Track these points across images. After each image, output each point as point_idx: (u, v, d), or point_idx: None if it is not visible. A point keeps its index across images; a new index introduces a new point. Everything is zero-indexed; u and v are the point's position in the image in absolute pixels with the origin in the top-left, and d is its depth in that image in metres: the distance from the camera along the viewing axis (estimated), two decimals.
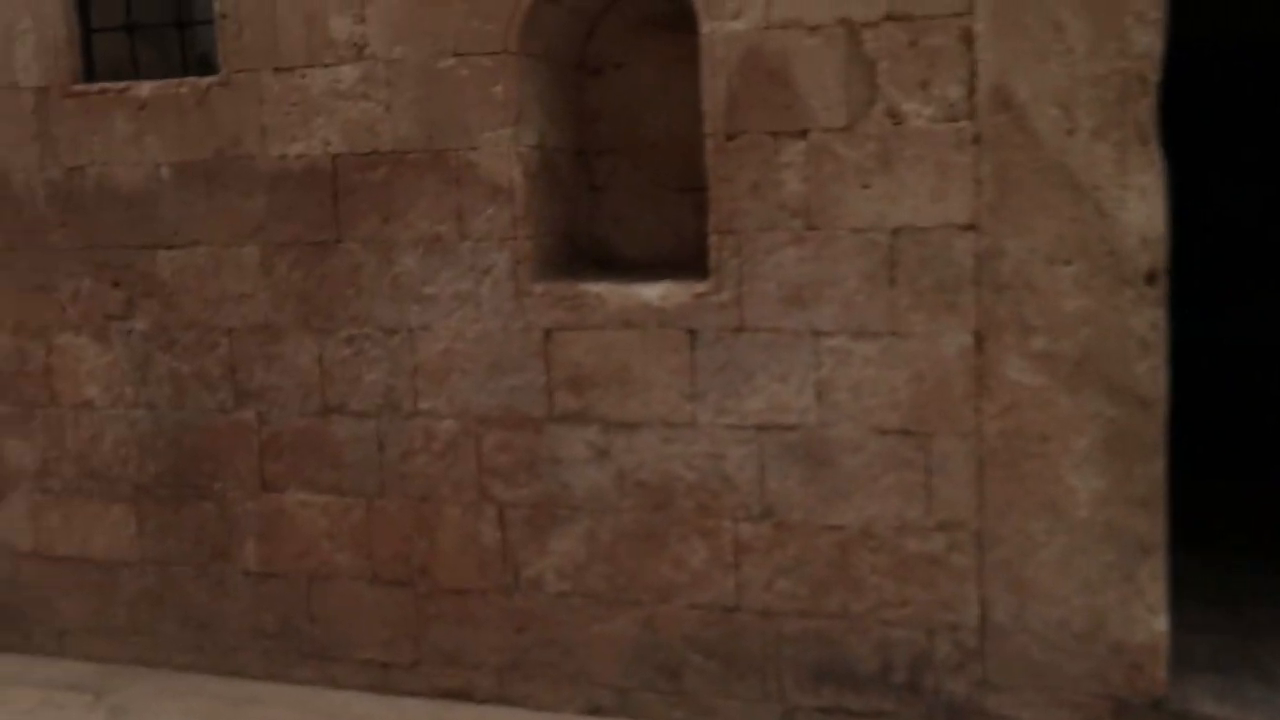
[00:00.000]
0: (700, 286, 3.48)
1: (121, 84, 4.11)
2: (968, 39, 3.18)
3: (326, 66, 3.81)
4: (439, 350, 3.77)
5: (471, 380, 3.74)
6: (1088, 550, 3.19)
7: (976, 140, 3.19)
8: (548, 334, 3.64)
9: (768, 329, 3.42)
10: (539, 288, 3.65)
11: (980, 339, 3.23)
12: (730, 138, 3.40)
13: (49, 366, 4.29)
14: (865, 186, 3.30)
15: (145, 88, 4.07)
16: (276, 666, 4.06)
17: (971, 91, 3.19)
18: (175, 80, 4.05)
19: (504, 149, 3.63)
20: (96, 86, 4.14)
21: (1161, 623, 3.17)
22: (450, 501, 3.80)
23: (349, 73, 3.79)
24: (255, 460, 4.04)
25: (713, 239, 3.45)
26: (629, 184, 3.95)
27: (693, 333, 3.49)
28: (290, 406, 3.97)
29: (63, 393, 4.28)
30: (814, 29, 3.30)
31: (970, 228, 3.21)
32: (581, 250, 3.95)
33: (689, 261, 3.72)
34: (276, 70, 3.87)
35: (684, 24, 3.55)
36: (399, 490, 3.86)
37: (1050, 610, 3.24)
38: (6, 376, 4.36)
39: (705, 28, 3.40)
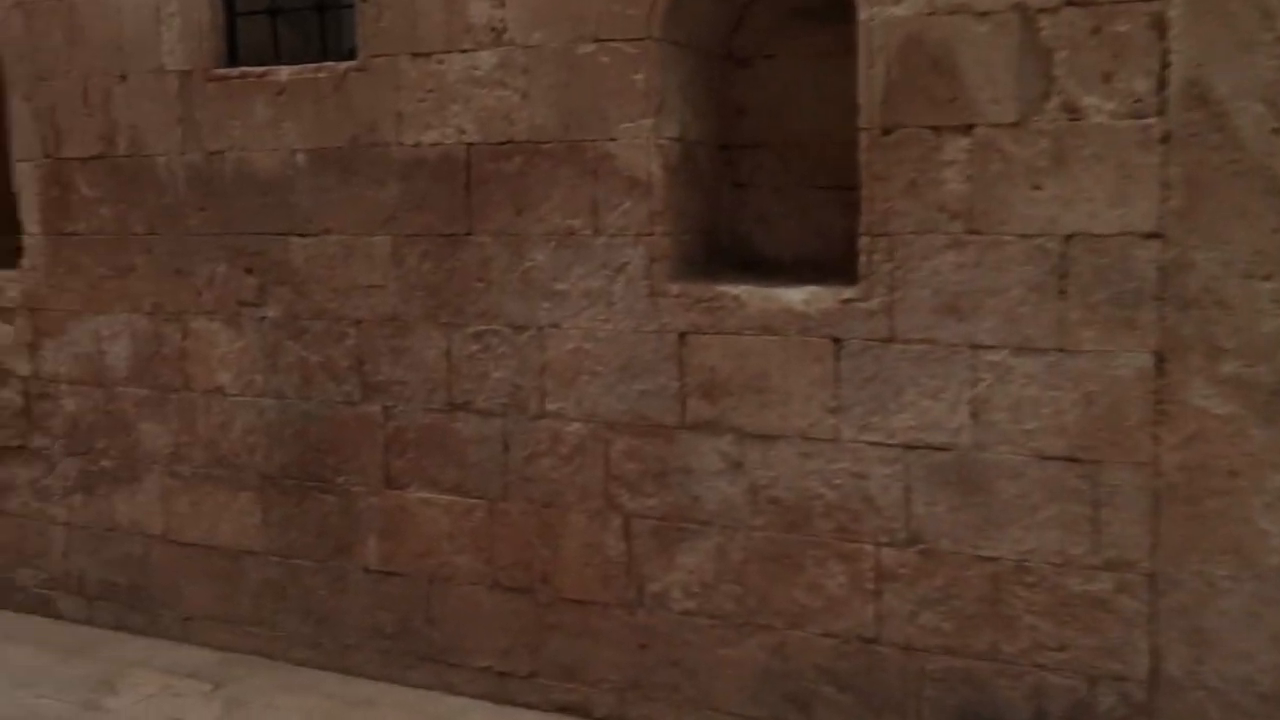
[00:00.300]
0: (848, 292, 3.23)
1: (261, 68, 4.06)
2: (1159, 27, 2.85)
3: (464, 52, 3.68)
4: (568, 350, 3.61)
5: (601, 382, 3.57)
6: (1279, 602, 2.84)
7: (1165, 139, 2.87)
8: (682, 337, 3.44)
9: (920, 340, 3.15)
10: (675, 287, 3.45)
11: (1161, 360, 2.91)
12: (886, 132, 3.14)
13: (184, 351, 4.28)
14: (1035, 188, 3.00)
15: (284, 72, 4.01)
16: (392, 668, 3.96)
17: (1161, 85, 2.86)
18: (314, 65, 3.98)
19: (643, 140, 3.44)
20: (238, 71, 4.10)
21: None
22: (575, 508, 3.63)
23: (486, 59, 3.64)
24: (380, 455, 3.94)
25: (863, 241, 3.20)
26: (775, 181, 3.72)
27: (838, 341, 3.24)
28: (416, 402, 3.86)
29: (195, 377, 4.26)
30: (984, 15, 3.02)
31: (1154, 236, 2.89)
32: (721, 250, 3.74)
33: (836, 265, 3.48)
34: (414, 55, 3.75)
35: (839, 14, 3.30)
36: (522, 494, 3.71)
37: (1232, 666, 2.89)
38: (144, 359, 4.37)
39: (864, 14, 3.15)
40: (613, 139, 3.49)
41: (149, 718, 3.76)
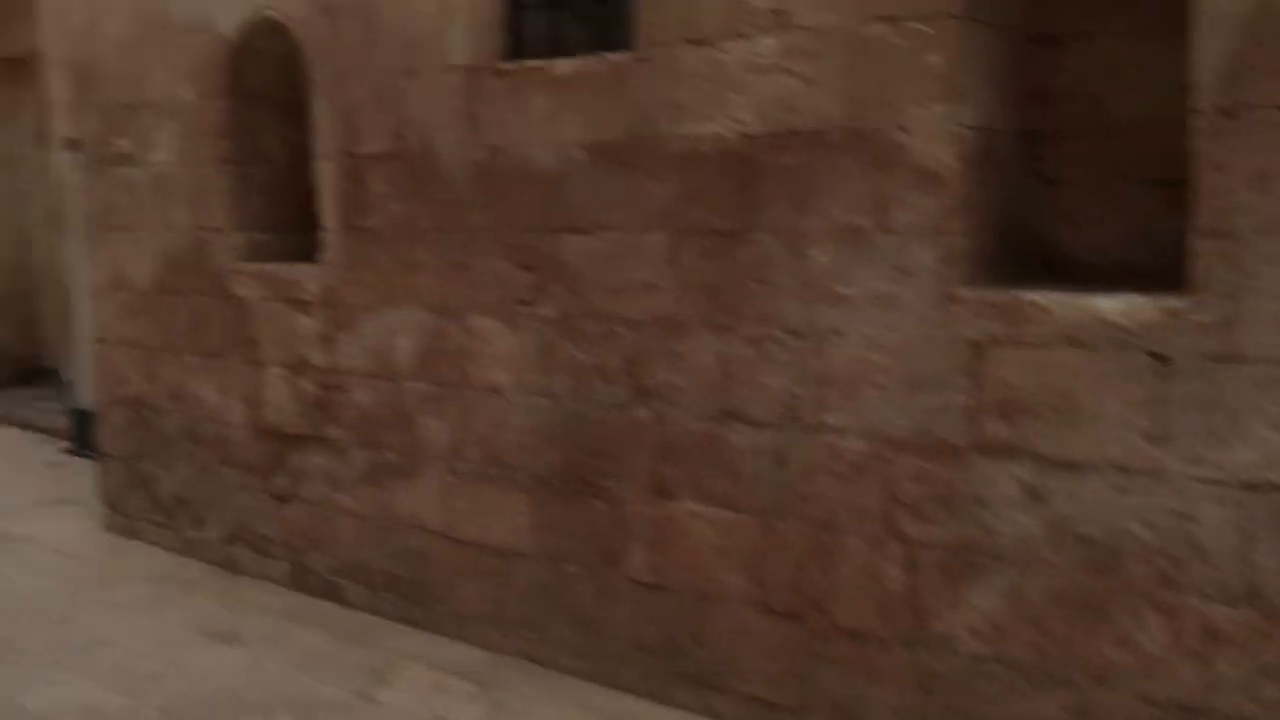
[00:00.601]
0: (1176, 302, 2.78)
1: (542, 62, 3.98)
2: None
3: (745, 38, 3.45)
4: (849, 358, 3.32)
5: (884, 395, 3.25)
6: None
7: None
8: (977, 348, 3.08)
9: (1268, 360, 2.66)
10: (969, 293, 3.09)
11: None
12: (1228, 115, 2.67)
13: (463, 348, 4.28)
14: None
15: (564, 65, 3.91)
16: (656, 685, 3.79)
17: None
18: (593, 57, 3.85)
19: (938, 129, 3.10)
20: (519, 65, 4.04)
21: None
22: (852, 532, 3.34)
23: (768, 44, 3.40)
24: (649, 462, 3.78)
25: (1197, 243, 2.73)
26: (1088, 175, 3.28)
27: (1162, 359, 2.80)
28: (688, 408, 3.67)
29: (473, 375, 4.25)
30: None
31: None
32: (1023, 251, 3.33)
33: (1160, 270, 3.01)
34: (693, 43, 3.56)
35: None
36: (796, 512, 3.45)
37: None
38: (427, 354, 4.40)
39: None
40: (904, 128, 3.16)
41: (416, 714, 3.77)
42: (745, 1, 3.43)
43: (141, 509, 5.72)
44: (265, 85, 5.08)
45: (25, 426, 8.60)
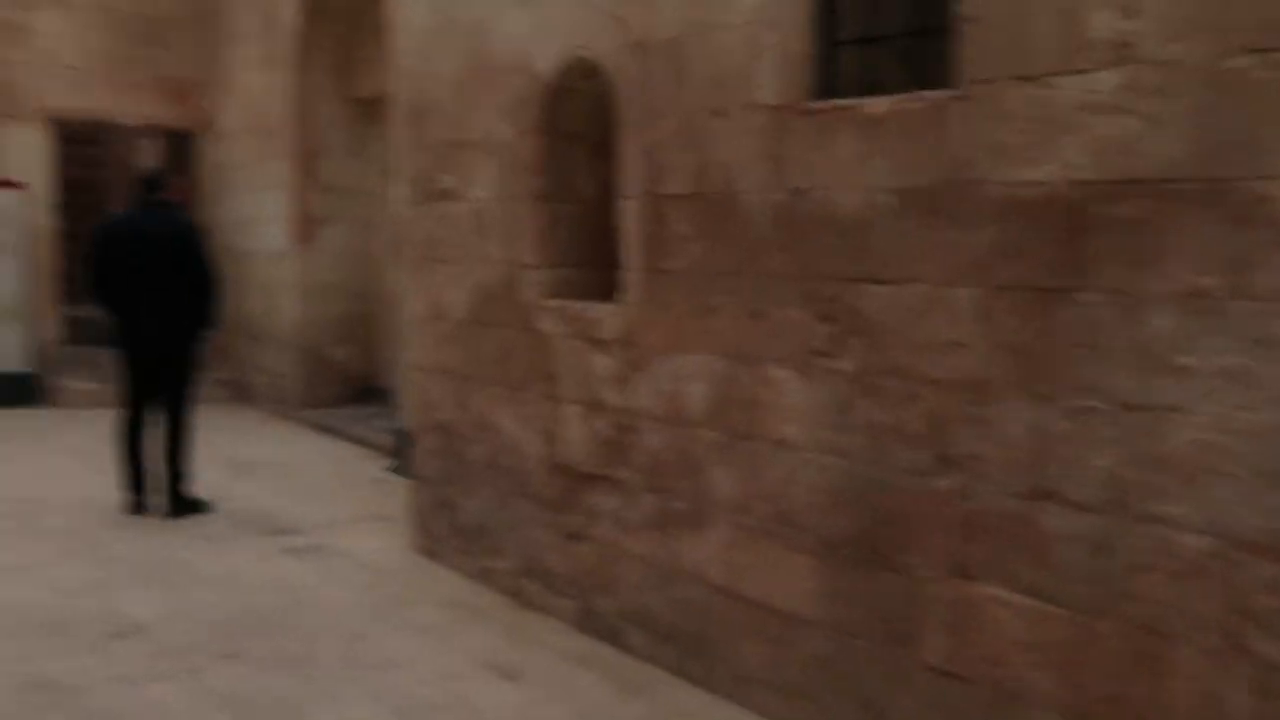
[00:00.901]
0: None
1: (852, 101, 3.74)
2: None
3: (1080, 73, 3.07)
4: (1190, 440, 2.86)
5: (1233, 487, 2.78)
6: None
7: None
8: None
9: None
10: None
11: None
12: None
13: (755, 398, 4.08)
14: None
15: (876, 104, 3.65)
16: None
17: None
18: (909, 95, 3.57)
19: None
20: (828, 104, 3.82)
21: None
22: (1186, 642, 2.88)
23: (1107, 79, 3.01)
24: (948, 538, 3.44)
25: None
26: None
27: None
28: (994, 481, 3.31)
29: (764, 426, 4.05)
30: None
31: None
32: None
33: None
34: (1019, 79, 3.21)
35: None
36: (1118, 611, 3.02)
37: None
38: (718, 402, 4.24)
39: None
40: (1269, 176, 2.70)
41: None
42: (1083, 32, 3.06)
43: (444, 533, 5.88)
44: (578, 124, 5.10)
45: (357, 442, 9.16)
